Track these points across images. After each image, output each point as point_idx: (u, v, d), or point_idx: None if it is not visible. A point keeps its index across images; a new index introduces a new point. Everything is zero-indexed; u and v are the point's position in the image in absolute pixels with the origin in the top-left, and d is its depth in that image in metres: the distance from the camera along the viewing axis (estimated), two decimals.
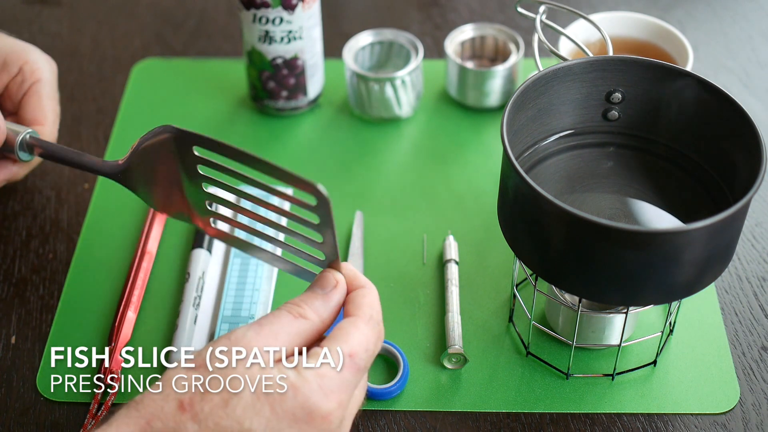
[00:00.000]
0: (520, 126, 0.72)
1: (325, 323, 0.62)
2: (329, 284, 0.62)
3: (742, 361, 0.77)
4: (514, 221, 0.68)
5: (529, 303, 0.79)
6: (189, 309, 0.78)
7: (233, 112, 0.98)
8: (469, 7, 1.12)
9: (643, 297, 0.66)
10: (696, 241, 0.62)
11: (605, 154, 0.76)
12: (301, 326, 0.60)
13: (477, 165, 0.93)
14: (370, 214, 0.88)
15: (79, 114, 0.99)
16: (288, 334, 0.59)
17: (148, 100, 1.00)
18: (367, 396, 0.74)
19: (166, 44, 1.07)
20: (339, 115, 0.98)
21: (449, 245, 0.84)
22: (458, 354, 0.75)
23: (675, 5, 1.12)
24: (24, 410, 0.74)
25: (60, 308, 0.80)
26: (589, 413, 0.74)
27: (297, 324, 0.60)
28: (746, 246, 0.85)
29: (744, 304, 0.81)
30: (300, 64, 0.93)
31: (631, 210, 0.71)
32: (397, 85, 0.93)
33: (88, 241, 0.85)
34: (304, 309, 0.61)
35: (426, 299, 0.81)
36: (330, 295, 0.62)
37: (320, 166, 0.93)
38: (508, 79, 0.95)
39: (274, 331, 0.59)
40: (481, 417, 0.73)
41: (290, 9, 0.88)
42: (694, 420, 0.73)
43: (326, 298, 0.62)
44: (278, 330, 0.59)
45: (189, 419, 0.55)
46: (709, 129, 0.72)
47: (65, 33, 1.09)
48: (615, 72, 0.73)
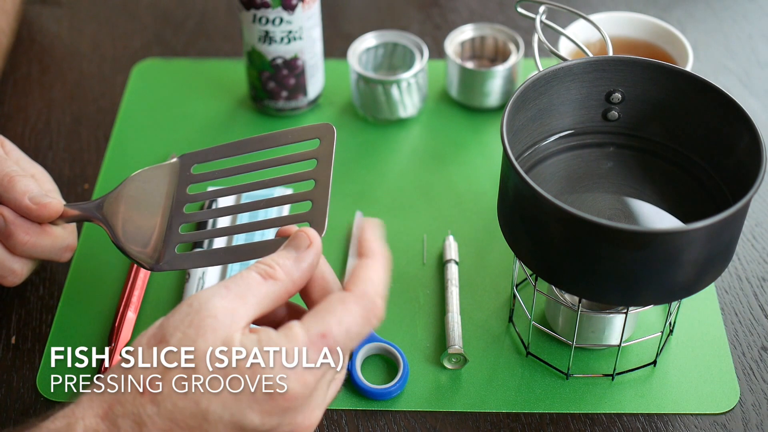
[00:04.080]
0: (520, 126, 0.72)
1: (297, 285, 0.58)
2: (302, 243, 0.58)
3: (742, 361, 0.77)
4: (514, 221, 0.68)
5: (529, 303, 0.79)
6: None
7: (233, 113, 0.98)
8: (469, 7, 1.12)
9: (643, 297, 0.66)
10: (696, 242, 0.62)
11: (605, 154, 0.76)
12: (270, 288, 0.56)
13: (477, 165, 0.93)
14: (370, 214, 0.88)
15: (79, 114, 0.99)
16: (256, 297, 0.56)
17: (148, 100, 1.00)
18: (364, 394, 0.74)
19: (166, 44, 1.07)
20: (339, 115, 0.98)
21: (449, 245, 0.84)
22: (458, 354, 0.75)
23: (675, 5, 1.12)
24: (24, 410, 0.74)
25: (60, 308, 0.80)
26: (589, 413, 0.74)
27: (266, 286, 0.56)
28: (746, 246, 0.85)
29: (744, 304, 0.81)
30: (300, 65, 0.93)
31: (631, 210, 0.71)
32: (402, 87, 0.93)
33: (88, 242, 0.85)
34: (275, 270, 0.57)
35: (426, 299, 0.81)
36: (302, 255, 0.58)
37: None
38: (508, 79, 0.95)
39: (241, 294, 0.56)
40: (481, 417, 0.73)
41: (290, 9, 0.88)
42: (694, 420, 0.73)
43: (298, 258, 0.58)
44: (245, 292, 0.56)
45: (148, 402, 0.54)
46: (708, 129, 0.72)
47: (65, 33, 1.09)
48: (615, 72, 0.73)
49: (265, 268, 0.57)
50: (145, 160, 0.93)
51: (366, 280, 0.57)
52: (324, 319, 0.55)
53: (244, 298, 0.55)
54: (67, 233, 0.75)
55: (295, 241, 0.59)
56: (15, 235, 0.71)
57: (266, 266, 0.57)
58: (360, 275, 0.58)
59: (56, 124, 0.98)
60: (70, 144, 0.95)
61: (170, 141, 0.95)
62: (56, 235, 0.74)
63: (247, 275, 0.56)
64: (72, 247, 0.76)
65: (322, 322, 0.55)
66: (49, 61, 1.06)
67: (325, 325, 0.55)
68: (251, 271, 0.57)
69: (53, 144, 0.95)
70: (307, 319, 0.56)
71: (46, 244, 0.73)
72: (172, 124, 0.98)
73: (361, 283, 0.57)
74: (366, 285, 0.57)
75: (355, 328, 0.56)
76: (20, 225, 0.71)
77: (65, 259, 0.76)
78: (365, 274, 0.58)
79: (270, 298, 0.57)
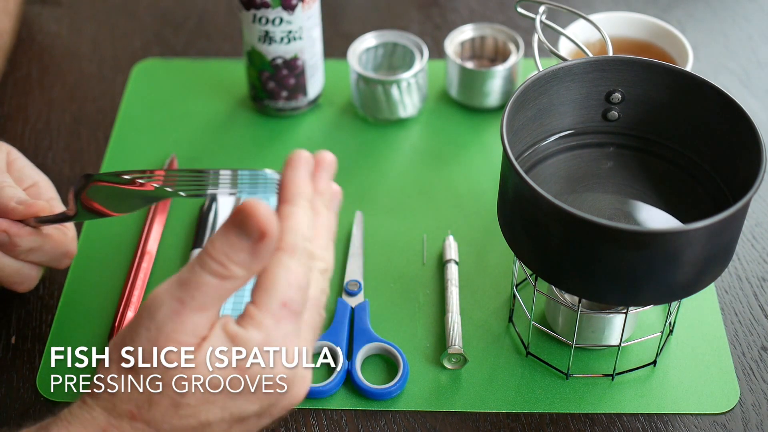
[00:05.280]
0: (520, 126, 0.72)
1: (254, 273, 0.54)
2: (253, 231, 0.52)
3: (742, 361, 0.77)
4: (514, 221, 0.68)
5: (529, 303, 0.79)
6: None
7: (233, 113, 0.98)
8: (469, 7, 1.12)
9: (643, 297, 0.66)
10: (696, 242, 0.62)
11: (605, 154, 0.76)
12: (227, 287, 0.53)
13: (477, 165, 0.93)
14: (369, 214, 0.88)
15: (79, 114, 0.99)
16: (215, 300, 0.53)
17: (148, 100, 1.00)
18: (364, 394, 0.74)
19: (166, 44, 1.07)
20: (339, 115, 0.98)
21: (449, 245, 0.84)
22: (458, 354, 0.75)
23: (675, 5, 1.12)
24: (24, 410, 0.74)
25: (60, 308, 0.80)
26: (589, 413, 0.74)
27: (224, 286, 0.53)
28: (746, 246, 0.85)
29: (744, 304, 0.81)
30: (300, 65, 0.93)
31: (630, 210, 0.71)
32: (402, 87, 0.93)
33: (88, 242, 0.85)
34: (230, 268, 0.52)
35: (426, 299, 0.81)
36: (259, 248, 0.52)
37: None
38: (508, 79, 0.95)
39: (200, 305, 0.52)
40: (481, 417, 0.73)
41: (290, 9, 0.88)
42: (694, 420, 0.73)
43: (255, 251, 0.52)
44: (204, 301, 0.52)
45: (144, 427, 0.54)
46: (708, 129, 0.72)
47: (65, 33, 1.09)
48: (615, 72, 0.73)
49: (218, 269, 0.52)
50: (145, 159, 0.93)
51: (289, 233, 0.54)
52: (273, 290, 0.53)
53: (204, 309, 0.53)
54: (68, 240, 0.76)
55: (245, 226, 0.52)
56: (20, 244, 0.73)
57: (219, 265, 0.52)
58: (283, 226, 0.54)
59: (56, 124, 0.98)
60: (70, 144, 0.95)
61: (170, 141, 0.95)
62: (58, 241, 0.75)
63: (200, 279, 0.52)
64: (71, 254, 0.77)
65: (277, 292, 0.53)
66: (49, 61, 1.06)
67: (277, 295, 0.53)
68: (204, 272, 0.52)
69: (53, 144, 0.95)
70: (257, 298, 0.53)
71: (48, 249, 0.75)
72: (172, 124, 0.98)
73: (289, 236, 0.54)
74: (293, 236, 0.54)
75: (306, 282, 0.54)
76: (22, 232, 0.73)
77: (64, 265, 0.78)
78: (286, 224, 0.54)
79: (228, 294, 0.54)
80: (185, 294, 0.52)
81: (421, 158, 0.94)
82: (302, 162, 0.57)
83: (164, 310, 0.53)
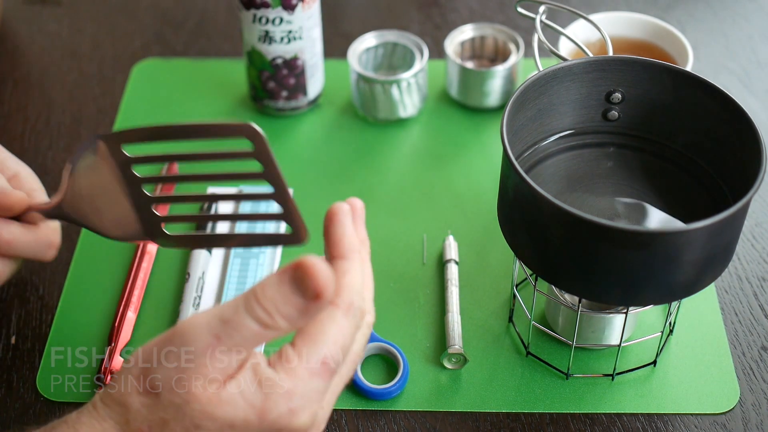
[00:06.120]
0: (520, 126, 0.72)
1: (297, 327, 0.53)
2: (309, 291, 0.50)
3: (742, 361, 0.77)
4: (514, 221, 0.68)
5: (529, 303, 0.79)
6: (189, 309, 0.78)
7: (233, 112, 0.98)
8: (469, 7, 1.12)
9: (643, 297, 0.66)
10: (696, 242, 0.62)
11: (605, 154, 0.76)
12: (267, 335, 0.51)
13: (477, 165, 0.93)
14: (369, 214, 0.87)
15: (79, 114, 0.99)
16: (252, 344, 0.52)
17: (148, 100, 1.00)
18: (364, 394, 0.74)
19: (166, 44, 1.07)
20: (339, 115, 0.98)
21: (449, 245, 0.84)
22: (458, 354, 0.75)
23: (675, 5, 1.12)
24: (24, 410, 0.74)
25: (60, 308, 0.80)
26: (589, 413, 0.74)
27: (264, 334, 0.51)
28: (746, 246, 0.85)
29: (744, 304, 0.81)
30: (300, 64, 0.93)
31: (630, 210, 0.71)
32: (402, 87, 0.93)
33: (88, 241, 0.85)
34: (276, 320, 0.51)
35: (426, 299, 0.81)
36: (310, 307, 0.51)
37: (320, 167, 0.93)
38: (508, 79, 0.95)
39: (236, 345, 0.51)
40: (481, 417, 0.73)
41: (290, 9, 0.89)
42: (694, 420, 0.73)
43: (306, 310, 0.51)
44: (241, 343, 0.51)
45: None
46: (708, 129, 0.72)
47: (65, 33, 1.09)
48: (615, 72, 0.73)
49: (263, 317, 0.51)
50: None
51: (346, 289, 0.54)
52: (322, 342, 0.53)
53: (239, 351, 0.52)
54: (50, 230, 0.71)
55: (302, 283, 0.51)
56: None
57: (265, 314, 0.51)
58: (340, 284, 0.54)
59: (56, 124, 0.98)
60: (70, 144, 0.95)
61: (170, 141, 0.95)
62: (39, 232, 0.70)
63: (242, 321, 0.51)
64: (55, 245, 0.72)
65: (322, 346, 0.53)
66: (49, 61, 1.06)
67: (320, 350, 0.52)
68: (248, 316, 0.51)
69: (53, 144, 0.95)
70: (301, 347, 0.53)
71: (28, 241, 0.70)
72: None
73: (346, 292, 0.53)
74: (350, 294, 0.54)
75: (350, 343, 0.54)
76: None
77: (49, 257, 0.72)
78: (344, 281, 0.54)
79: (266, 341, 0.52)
80: (224, 332, 0.51)
81: (421, 158, 0.94)
82: (347, 214, 0.57)
83: (199, 343, 0.51)
